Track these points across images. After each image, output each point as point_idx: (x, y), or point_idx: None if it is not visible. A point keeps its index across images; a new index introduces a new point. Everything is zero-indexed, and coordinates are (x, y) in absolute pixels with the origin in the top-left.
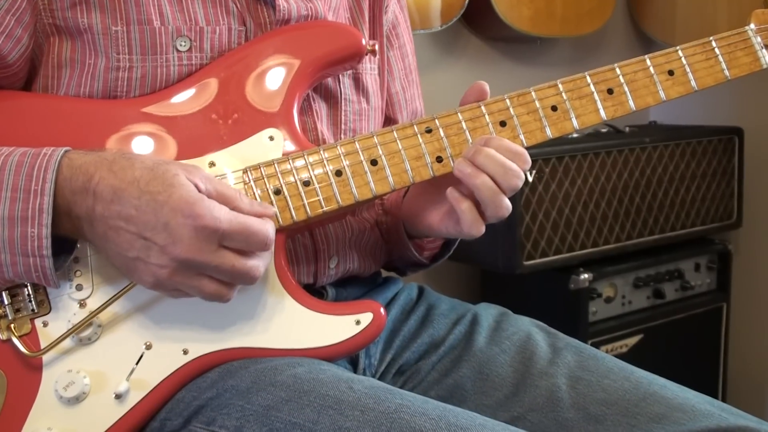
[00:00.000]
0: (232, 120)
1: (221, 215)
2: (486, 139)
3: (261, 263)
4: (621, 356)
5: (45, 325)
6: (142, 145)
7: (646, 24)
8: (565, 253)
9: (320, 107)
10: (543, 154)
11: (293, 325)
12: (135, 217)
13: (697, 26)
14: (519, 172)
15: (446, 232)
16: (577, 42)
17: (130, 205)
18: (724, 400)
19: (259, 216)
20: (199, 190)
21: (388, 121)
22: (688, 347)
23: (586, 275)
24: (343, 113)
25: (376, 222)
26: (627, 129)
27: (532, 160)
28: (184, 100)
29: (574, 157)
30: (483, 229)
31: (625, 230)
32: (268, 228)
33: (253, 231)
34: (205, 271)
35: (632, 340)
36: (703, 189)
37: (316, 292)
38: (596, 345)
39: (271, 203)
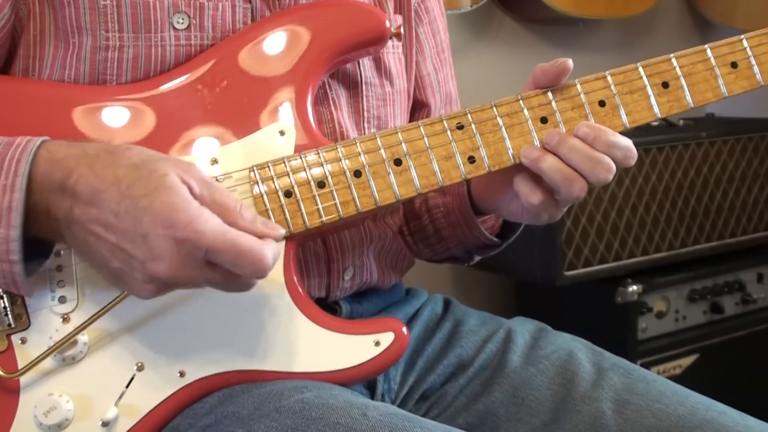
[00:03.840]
0: (236, 112)
1: (206, 228)
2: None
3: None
4: (674, 378)
5: (23, 341)
6: (136, 139)
7: (702, 3)
8: (611, 263)
9: (338, 95)
10: None
11: (305, 345)
12: (114, 226)
13: (760, 6)
14: (610, 164)
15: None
16: (624, 24)
17: (109, 211)
18: None
19: (260, 236)
20: (192, 193)
21: (418, 105)
22: (749, 368)
23: (634, 287)
24: (364, 99)
25: (427, 209)
26: (681, 122)
27: None
28: (181, 87)
29: None
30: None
31: (678, 236)
32: (265, 251)
33: (242, 251)
34: (195, 284)
35: (687, 361)
36: (767, 190)
37: (328, 307)
38: (646, 365)
39: (281, 207)
